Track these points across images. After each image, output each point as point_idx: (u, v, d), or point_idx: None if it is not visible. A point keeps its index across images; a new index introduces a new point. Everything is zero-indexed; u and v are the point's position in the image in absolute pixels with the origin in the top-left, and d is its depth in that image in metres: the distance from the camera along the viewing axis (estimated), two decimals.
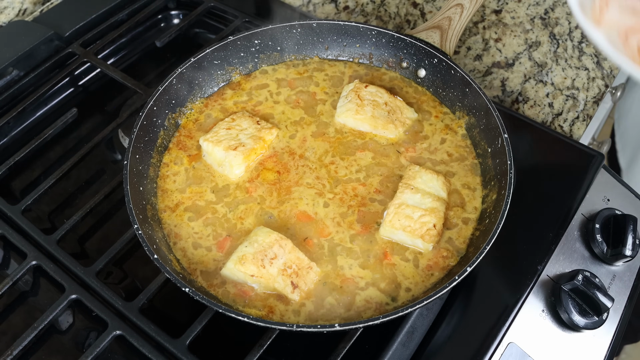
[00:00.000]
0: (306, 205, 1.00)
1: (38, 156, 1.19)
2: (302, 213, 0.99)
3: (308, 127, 1.10)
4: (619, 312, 0.99)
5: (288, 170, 1.04)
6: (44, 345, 0.94)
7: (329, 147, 1.07)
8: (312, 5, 1.52)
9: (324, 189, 1.02)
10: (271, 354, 0.88)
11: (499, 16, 1.45)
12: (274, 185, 1.02)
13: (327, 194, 1.01)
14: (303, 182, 1.03)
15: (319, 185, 1.02)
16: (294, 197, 1.01)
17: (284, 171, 1.04)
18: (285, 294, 0.89)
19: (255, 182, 1.03)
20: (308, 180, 1.03)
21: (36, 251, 0.98)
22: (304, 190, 1.02)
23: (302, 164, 1.05)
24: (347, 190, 1.01)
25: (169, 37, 1.32)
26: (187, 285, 0.82)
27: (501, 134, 0.98)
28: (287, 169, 1.05)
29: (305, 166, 1.05)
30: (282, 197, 1.01)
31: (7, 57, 1.24)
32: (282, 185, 1.02)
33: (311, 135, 1.09)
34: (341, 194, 1.01)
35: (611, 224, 1.02)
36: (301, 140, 1.09)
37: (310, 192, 1.01)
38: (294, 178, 1.03)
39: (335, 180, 1.03)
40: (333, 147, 1.07)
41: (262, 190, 1.02)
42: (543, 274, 0.98)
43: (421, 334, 0.92)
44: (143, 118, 1.02)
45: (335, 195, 1.01)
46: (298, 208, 0.99)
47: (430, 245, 0.94)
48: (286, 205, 1.00)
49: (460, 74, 1.07)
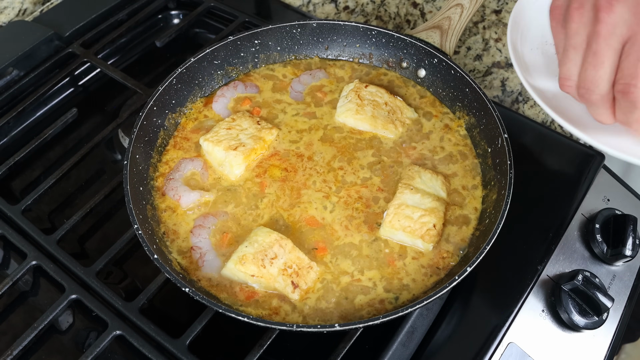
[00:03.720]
0: (315, 210, 1.00)
1: (38, 156, 1.19)
2: (311, 218, 0.99)
3: (309, 127, 1.11)
4: (619, 312, 0.99)
5: (295, 169, 1.05)
6: (44, 345, 0.94)
7: (329, 146, 1.07)
8: (312, 5, 1.52)
9: (330, 191, 1.01)
10: (271, 354, 0.88)
11: (499, 16, 1.45)
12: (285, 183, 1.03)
13: (332, 197, 1.01)
14: (310, 184, 1.02)
15: (325, 188, 1.02)
16: (304, 201, 1.00)
17: (292, 170, 1.04)
18: (286, 293, 0.89)
19: (263, 177, 1.03)
20: (314, 182, 1.03)
21: (36, 251, 0.98)
22: (312, 194, 1.01)
23: (307, 164, 1.05)
24: (350, 193, 1.01)
25: (169, 37, 1.32)
26: (187, 285, 0.82)
27: (501, 134, 0.98)
28: (295, 169, 1.05)
29: (313, 169, 1.05)
30: (294, 201, 1.01)
31: (7, 57, 1.24)
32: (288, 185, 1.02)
33: (311, 134, 1.09)
34: (345, 197, 1.01)
35: (611, 224, 1.02)
36: (301, 139, 1.09)
37: (318, 195, 1.01)
38: (301, 179, 1.03)
39: (340, 182, 1.02)
40: (333, 146, 1.07)
41: (274, 188, 1.02)
42: (543, 274, 0.98)
43: (421, 334, 0.92)
44: (143, 118, 1.02)
45: (340, 198, 1.01)
46: (308, 213, 0.99)
47: (430, 246, 0.94)
48: (296, 210, 1.00)
49: (460, 74, 1.07)
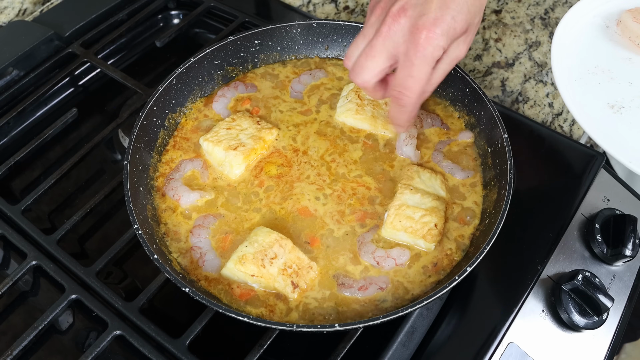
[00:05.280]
0: (308, 201, 1.00)
1: (38, 156, 1.19)
2: (304, 209, 0.99)
3: (310, 126, 1.10)
4: (619, 312, 0.99)
5: (290, 165, 1.05)
6: (44, 345, 0.94)
7: (329, 145, 1.07)
8: (312, 5, 1.52)
9: (324, 184, 1.02)
10: (271, 354, 0.88)
11: (499, 16, 1.45)
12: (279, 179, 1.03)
13: (326, 189, 1.01)
14: (304, 179, 1.03)
15: (319, 182, 1.02)
16: (296, 193, 1.01)
17: (287, 165, 1.05)
18: (286, 293, 0.89)
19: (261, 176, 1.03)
20: (309, 177, 1.03)
21: (36, 251, 0.98)
22: (306, 186, 1.02)
23: (305, 160, 1.05)
24: (346, 189, 1.01)
25: (169, 37, 1.32)
26: (187, 285, 0.82)
27: (501, 134, 0.98)
28: (290, 164, 1.05)
29: (307, 163, 1.05)
30: (285, 194, 1.01)
31: (7, 57, 1.24)
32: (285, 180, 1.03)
33: (313, 133, 1.09)
34: (339, 192, 1.01)
35: (611, 224, 1.02)
36: (303, 138, 1.09)
37: (312, 188, 1.02)
38: (295, 174, 1.04)
39: (334, 178, 1.03)
40: (333, 145, 1.07)
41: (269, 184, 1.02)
42: (543, 274, 0.98)
43: (421, 334, 0.92)
44: (143, 118, 1.02)
45: (334, 191, 1.01)
46: (300, 204, 1.00)
47: (432, 245, 0.94)
48: (289, 202, 1.00)
49: (460, 74, 1.07)
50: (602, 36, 1.09)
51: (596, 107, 0.99)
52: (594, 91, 1.01)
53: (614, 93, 1.01)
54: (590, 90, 1.01)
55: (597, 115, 0.98)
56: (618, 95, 1.00)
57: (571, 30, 1.09)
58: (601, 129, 0.96)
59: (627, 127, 0.97)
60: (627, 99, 1.00)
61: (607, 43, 1.09)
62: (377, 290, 0.90)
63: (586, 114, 0.97)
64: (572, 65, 1.04)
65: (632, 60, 1.06)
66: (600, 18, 1.11)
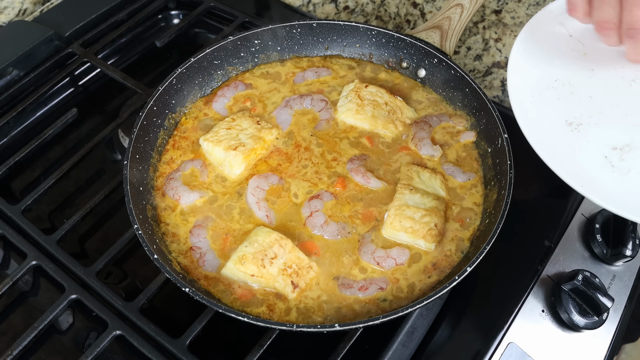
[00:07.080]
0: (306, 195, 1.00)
1: (38, 156, 1.19)
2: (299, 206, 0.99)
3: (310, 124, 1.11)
4: (619, 312, 0.99)
5: (290, 160, 1.05)
6: (44, 345, 0.94)
7: (328, 144, 1.07)
8: (312, 5, 1.52)
9: (320, 182, 1.02)
10: (271, 354, 0.88)
11: (499, 16, 1.45)
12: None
13: (324, 188, 1.01)
14: (300, 176, 1.03)
15: (315, 179, 1.02)
16: (291, 190, 1.01)
17: (285, 161, 1.05)
18: (285, 293, 0.89)
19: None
20: (306, 174, 1.03)
21: (36, 251, 0.98)
22: (300, 183, 1.02)
23: (306, 156, 1.05)
24: (346, 188, 1.01)
25: (169, 37, 1.32)
26: (187, 285, 0.82)
27: (501, 134, 0.98)
28: (290, 160, 1.05)
29: (308, 159, 1.05)
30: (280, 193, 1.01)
31: (7, 57, 1.24)
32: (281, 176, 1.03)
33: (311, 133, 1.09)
34: (339, 190, 1.01)
35: (611, 224, 1.02)
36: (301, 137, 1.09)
37: (305, 185, 1.02)
38: (292, 171, 1.04)
39: (333, 176, 1.03)
40: (332, 144, 1.07)
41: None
42: (543, 274, 0.98)
43: (421, 334, 0.92)
44: (143, 118, 1.02)
45: (333, 188, 1.01)
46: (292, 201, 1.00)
47: (432, 245, 0.94)
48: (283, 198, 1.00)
49: (460, 74, 1.07)
50: (564, 46, 1.02)
51: (554, 125, 0.91)
52: (552, 107, 0.93)
53: (573, 109, 0.92)
54: (549, 106, 0.93)
55: (553, 134, 0.90)
56: (577, 112, 0.91)
57: (530, 40, 1.01)
58: (554, 150, 0.87)
59: (584, 146, 0.88)
60: (585, 115, 0.90)
61: (570, 53, 1.01)
62: (377, 290, 0.90)
63: (538, 134, 0.88)
64: (529, 79, 0.96)
65: (595, 71, 0.96)
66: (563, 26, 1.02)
